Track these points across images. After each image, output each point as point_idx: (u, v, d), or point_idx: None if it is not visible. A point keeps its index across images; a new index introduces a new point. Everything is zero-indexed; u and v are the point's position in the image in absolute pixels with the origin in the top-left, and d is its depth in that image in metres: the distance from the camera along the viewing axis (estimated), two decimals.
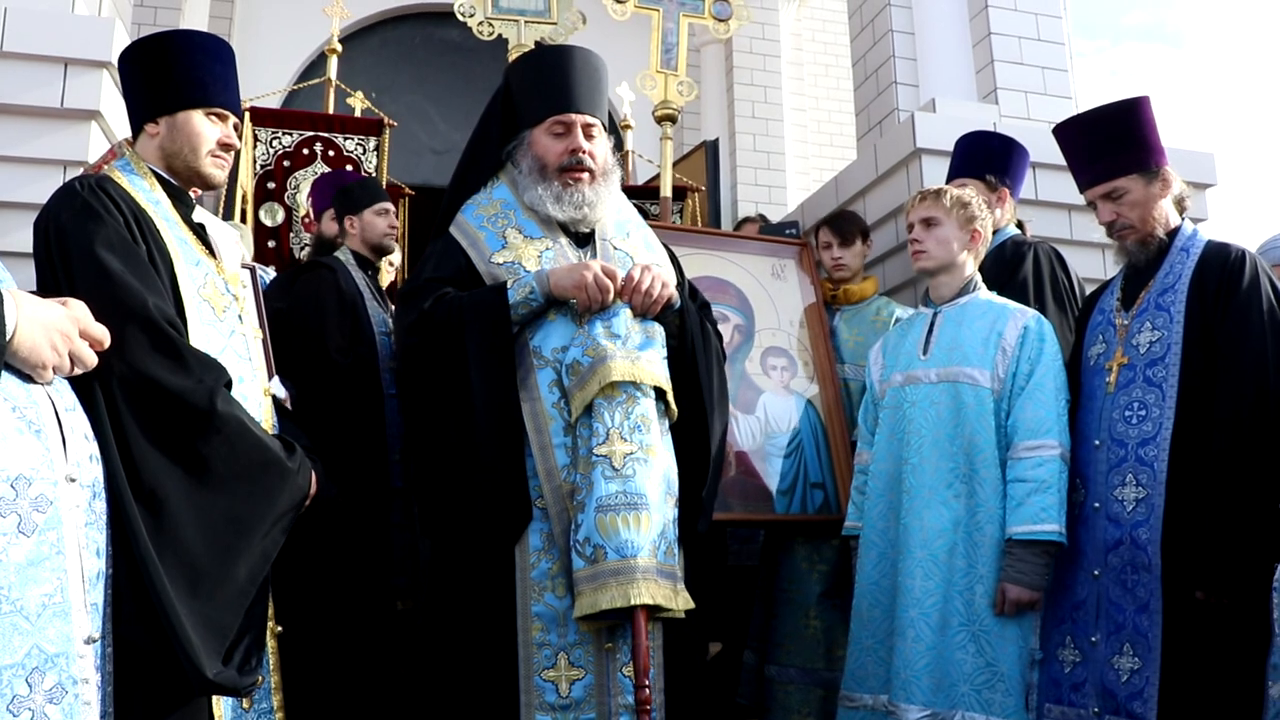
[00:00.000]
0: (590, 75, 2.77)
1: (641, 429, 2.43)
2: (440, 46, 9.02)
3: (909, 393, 3.02)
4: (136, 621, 1.87)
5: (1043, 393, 2.87)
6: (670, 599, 2.36)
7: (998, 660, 2.76)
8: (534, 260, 2.63)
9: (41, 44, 3.87)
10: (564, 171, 2.69)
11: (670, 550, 2.42)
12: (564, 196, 2.68)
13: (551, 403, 2.51)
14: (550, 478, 2.47)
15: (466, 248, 2.70)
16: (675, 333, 2.67)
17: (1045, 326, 2.98)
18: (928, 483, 2.90)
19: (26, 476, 1.66)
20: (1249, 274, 2.72)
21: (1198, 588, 2.57)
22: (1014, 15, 5.39)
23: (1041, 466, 2.80)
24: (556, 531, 2.44)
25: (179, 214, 2.37)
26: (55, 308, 1.80)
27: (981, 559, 2.81)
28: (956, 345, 2.97)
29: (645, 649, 2.31)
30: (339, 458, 3.03)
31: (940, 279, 3.10)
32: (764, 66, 8.91)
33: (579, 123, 2.72)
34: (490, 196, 2.78)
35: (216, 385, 2.10)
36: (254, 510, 2.10)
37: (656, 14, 4.56)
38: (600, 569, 2.31)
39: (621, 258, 2.70)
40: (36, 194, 3.75)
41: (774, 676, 3.75)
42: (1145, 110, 2.92)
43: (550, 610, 2.43)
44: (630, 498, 2.35)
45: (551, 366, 2.54)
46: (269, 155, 5.40)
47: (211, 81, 2.39)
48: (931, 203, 3.09)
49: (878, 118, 5.70)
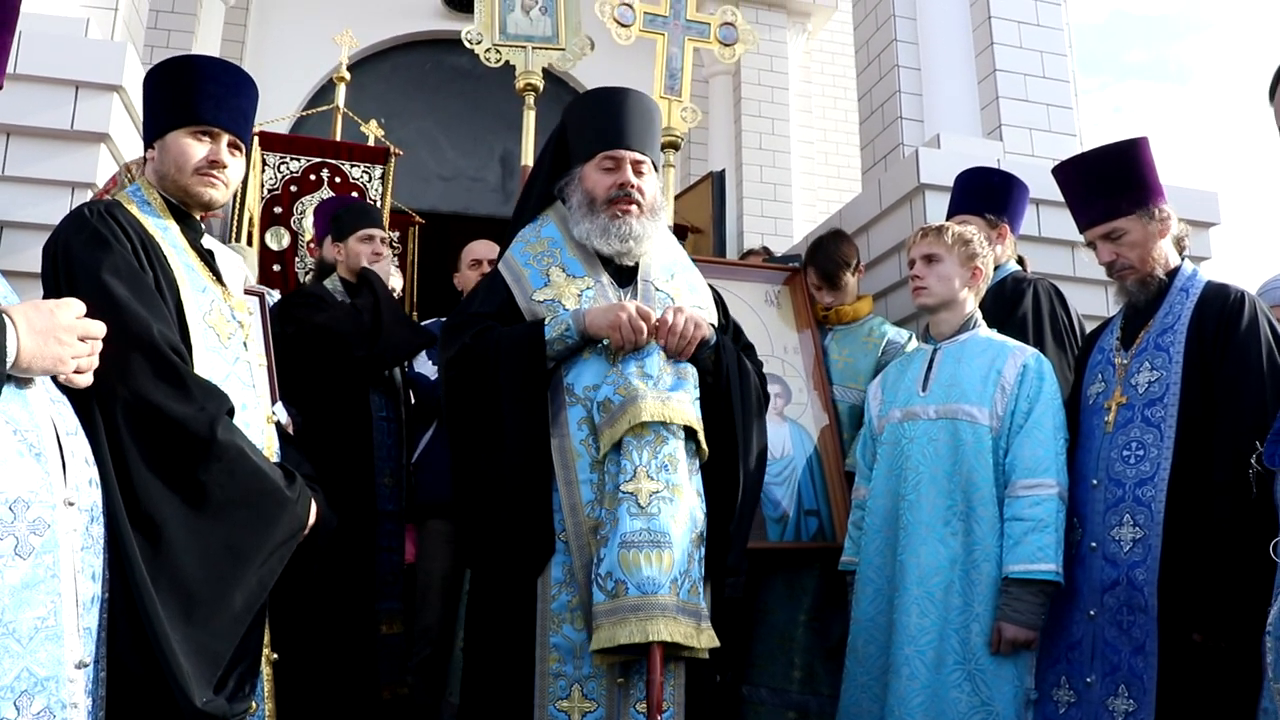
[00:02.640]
0: (643, 116, 2.81)
1: (669, 468, 2.45)
2: (450, 73, 9.09)
3: (907, 429, 3.02)
4: (129, 647, 1.88)
5: (1041, 431, 2.87)
6: (692, 637, 2.36)
7: (993, 699, 2.74)
8: (574, 299, 2.65)
9: (53, 66, 3.92)
10: (612, 204, 2.71)
11: (694, 589, 2.42)
12: (610, 229, 2.70)
13: (580, 439, 2.53)
14: (574, 512, 2.49)
15: (511, 284, 2.74)
16: (711, 370, 2.69)
17: (1045, 365, 2.98)
18: (925, 519, 2.90)
19: (25, 499, 1.67)
20: (1248, 316, 2.72)
21: (1195, 630, 2.56)
22: (1019, 52, 5.43)
23: (1039, 505, 2.79)
24: (577, 566, 2.46)
25: (187, 240, 2.38)
26: (50, 315, 1.78)
27: (978, 597, 2.80)
28: (956, 382, 2.98)
29: (659, 685, 2.31)
30: (327, 480, 3.06)
31: (941, 315, 3.11)
32: (772, 98, 8.93)
33: (628, 158, 2.74)
34: (539, 234, 2.81)
35: (218, 413, 2.11)
36: (251, 539, 2.11)
37: (661, 39, 4.59)
38: (620, 604, 2.32)
39: (663, 299, 2.71)
40: (45, 215, 3.79)
41: (746, 696, 3.74)
42: (1144, 151, 2.93)
43: (568, 642, 2.44)
44: (654, 535, 2.36)
45: (582, 404, 2.56)
46: (276, 180, 5.44)
47: (200, 100, 2.38)
48: (933, 239, 3.10)
49: (882, 152, 5.73)
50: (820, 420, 3.89)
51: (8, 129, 3.90)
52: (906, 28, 5.78)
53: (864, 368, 3.89)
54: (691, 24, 4.67)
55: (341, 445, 3.51)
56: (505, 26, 4.44)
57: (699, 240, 6.24)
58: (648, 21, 4.59)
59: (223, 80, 2.44)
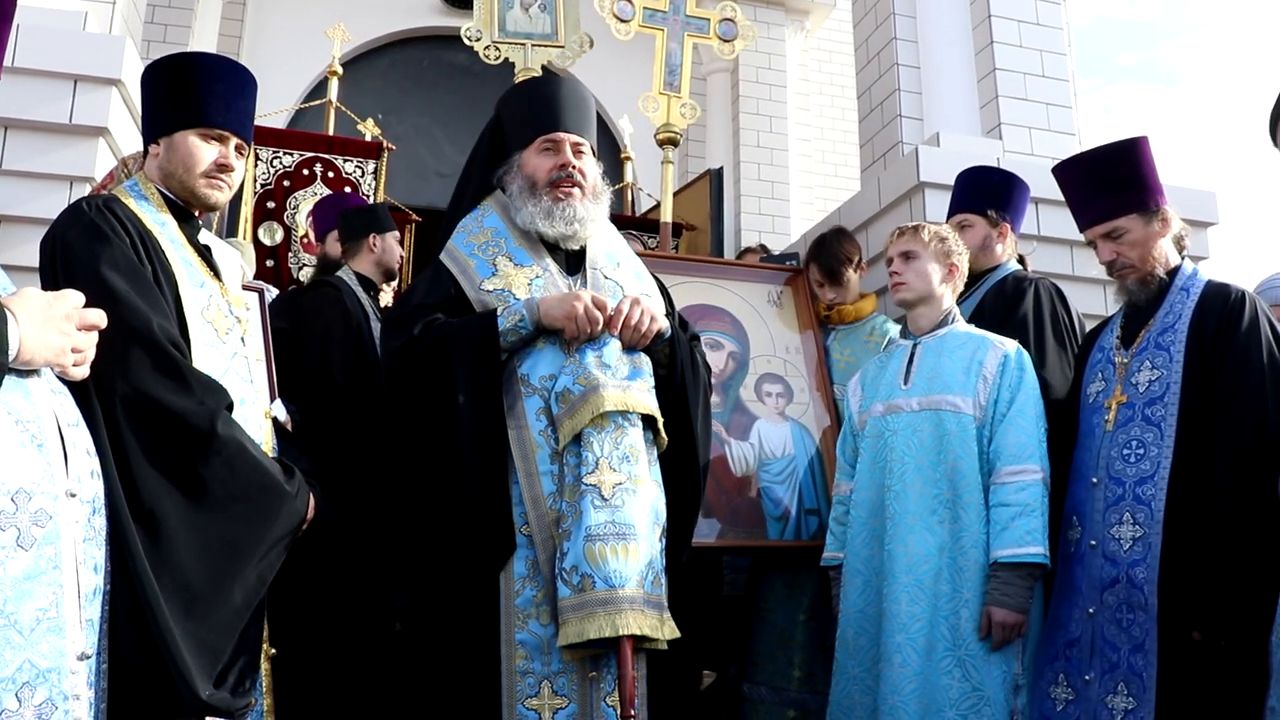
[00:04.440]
0: (578, 101, 2.81)
1: (630, 459, 2.44)
2: (448, 70, 9.08)
3: (890, 421, 3.05)
4: (131, 640, 1.87)
5: (1024, 419, 2.92)
6: (656, 629, 2.36)
7: (983, 685, 2.76)
8: (524, 288, 2.64)
9: (52, 60, 3.91)
10: (554, 186, 2.70)
11: (657, 580, 2.43)
12: (554, 211, 2.69)
13: (539, 430, 2.51)
14: (536, 505, 2.46)
15: (457, 275, 2.71)
16: (665, 363, 2.69)
17: (1024, 356, 3.03)
18: (912, 509, 2.92)
19: (27, 490, 1.66)
20: (1249, 315, 2.73)
21: (1195, 628, 2.56)
22: (1019, 51, 5.44)
23: (1024, 491, 2.83)
24: (541, 559, 2.43)
25: (185, 235, 2.38)
26: (49, 306, 1.77)
27: (967, 584, 2.83)
28: (938, 374, 3.01)
29: (632, 678, 2.30)
30: (341, 479, 3.04)
31: (919, 310, 3.15)
32: (770, 96, 8.93)
33: (567, 140, 2.74)
34: (480, 224, 2.78)
35: (218, 407, 2.10)
36: (250, 533, 2.10)
37: (660, 34, 4.58)
38: (587, 598, 2.30)
39: (611, 287, 2.71)
40: (44, 209, 3.78)
41: (747, 694, 3.75)
42: (1144, 150, 2.94)
43: (534, 638, 2.41)
44: (619, 527, 2.35)
45: (539, 394, 2.54)
46: (269, 175, 5.42)
47: (211, 102, 2.38)
48: (910, 237, 3.16)
49: (882, 150, 5.73)
50: (822, 420, 3.90)
51: (6, 123, 3.89)
52: (906, 26, 5.79)
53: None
54: (691, 19, 4.67)
55: (356, 443, 3.50)
56: (504, 24, 4.43)
57: (696, 238, 6.23)
58: (647, 17, 4.58)
59: (231, 81, 2.43)
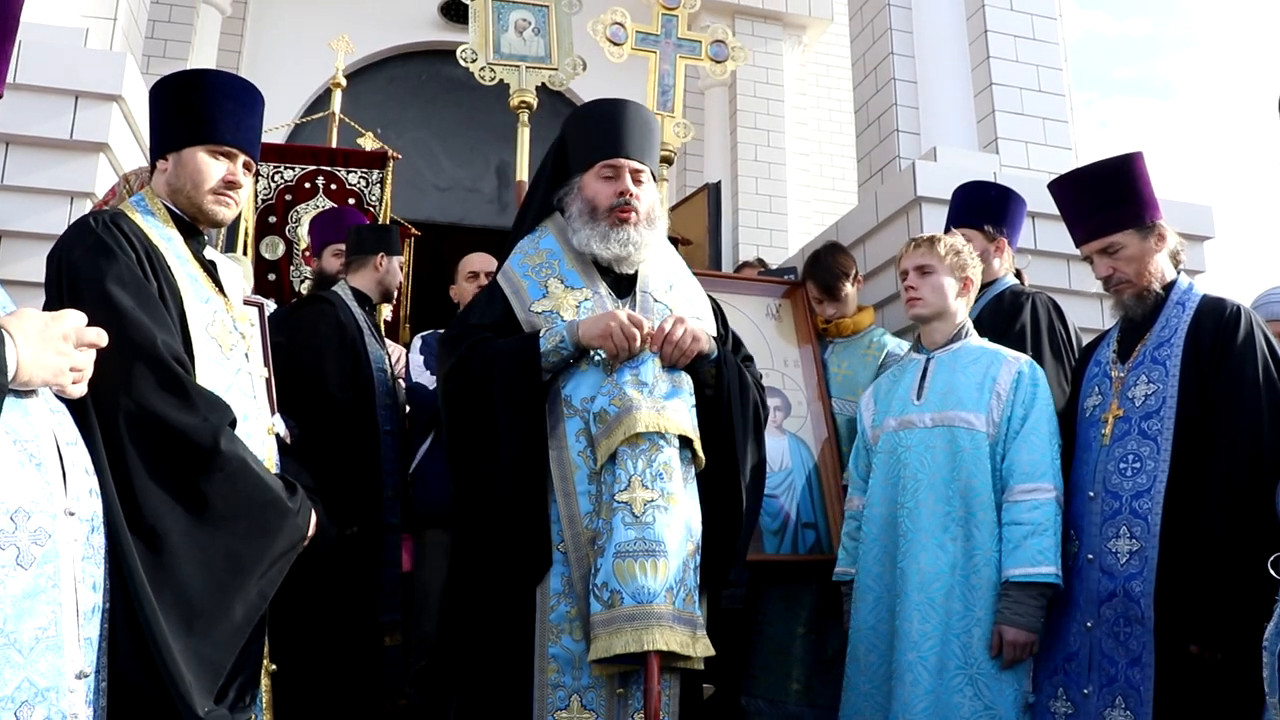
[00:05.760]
0: (641, 125, 2.83)
1: (664, 477, 2.45)
2: (447, 84, 9.09)
3: (904, 437, 3.04)
4: (130, 657, 1.87)
5: (1037, 436, 2.90)
6: (687, 646, 2.37)
7: (995, 704, 2.76)
8: (572, 310, 2.66)
9: (53, 76, 3.92)
10: (613, 212, 2.72)
11: (690, 597, 2.43)
12: (611, 236, 2.71)
13: (578, 451, 2.54)
14: (572, 524, 2.49)
15: (509, 295, 2.75)
16: (711, 383, 2.70)
17: (1038, 371, 3.01)
18: (924, 526, 2.91)
19: (26, 510, 1.66)
20: (1244, 330, 2.74)
21: (1192, 642, 2.57)
22: (1015, 66, 5.46)
23: (1037, 509, 2.82)
24: (576, 577, 2.46)
25: (190, 250, 2.39)
26: (47, 326, 1.77)
27: (979, 602, 2.82)
28: (951, 390, 2.99)
29: (657, 694, 2.32)
30: (334, 493, 3.04)
31: (934, 325, 3.13)
32: (767, 110, 8.95)
33: (628, 167, 2.76)
34: (537, 246, 2.82)
35: (221, 424, 2.11)
36: (253, 549, 2.11)
37: (653, 56, 4.63)
38: (616, 614, 2.32)
39: (660, 310, 2.73)
40: (44, 224, 3.80)
41: (745, 707, 3.76)
42: (1140, 166, 2.95)
43: (566, 653, 2.45)
44: (648, 544, 2.36)
45: (580, 415, 2.56)
46: (270, 189, 5.42)
47: (221, 119, 2.40)
48: (926, 250, 3.12)
49: (879, 165, 5.75)
50: (820, 434, 3.91)
51: (7, 138, 3.90)
52: (903, 41, 5.81)
53: (863, 380, 3.90)
54: (683, 42, 4.72)
55: (349, 458, 3.50)
56: (499, 46, 4.45)
57: (692, 252, 6.26)
58: (640, 40, 4.64)
59: (241, 99, 2.46)
